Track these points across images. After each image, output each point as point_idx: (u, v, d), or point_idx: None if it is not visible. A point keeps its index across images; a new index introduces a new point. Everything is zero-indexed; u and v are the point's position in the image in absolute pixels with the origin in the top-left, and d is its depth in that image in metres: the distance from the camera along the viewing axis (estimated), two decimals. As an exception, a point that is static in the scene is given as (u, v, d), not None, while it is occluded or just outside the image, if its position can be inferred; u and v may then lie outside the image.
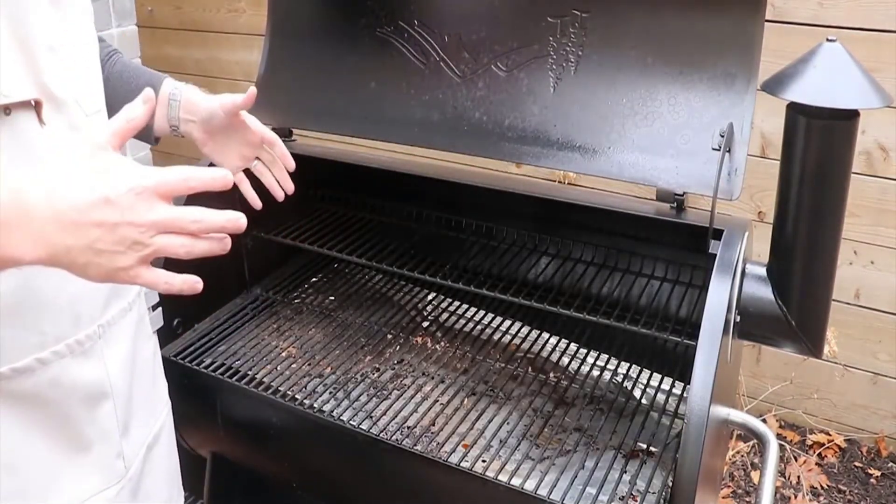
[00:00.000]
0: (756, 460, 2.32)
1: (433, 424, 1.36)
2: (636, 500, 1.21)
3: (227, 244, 0.74)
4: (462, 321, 1.70)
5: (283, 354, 1.53)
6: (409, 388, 1.47)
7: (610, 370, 1.54)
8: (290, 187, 1.25)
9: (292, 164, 1.22)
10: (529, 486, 1.18)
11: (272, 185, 1.25)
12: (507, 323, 1.68)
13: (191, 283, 0.75)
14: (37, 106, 0.82)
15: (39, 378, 0.88)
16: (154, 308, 1.18)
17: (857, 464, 2.31)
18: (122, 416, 1.00)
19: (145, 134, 1.18)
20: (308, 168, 1.75)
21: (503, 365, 1.54)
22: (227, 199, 1.64)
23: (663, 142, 1.26)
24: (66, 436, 0.93)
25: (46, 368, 0.89)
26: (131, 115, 0.74)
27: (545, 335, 1.64)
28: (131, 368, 1.03)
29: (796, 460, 2.29)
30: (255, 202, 1.25)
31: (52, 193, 0.69)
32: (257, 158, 1.25)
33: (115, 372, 0.98)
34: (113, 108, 1.14)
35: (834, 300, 1.17)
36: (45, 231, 0.68)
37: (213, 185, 0.72)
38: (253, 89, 1.14)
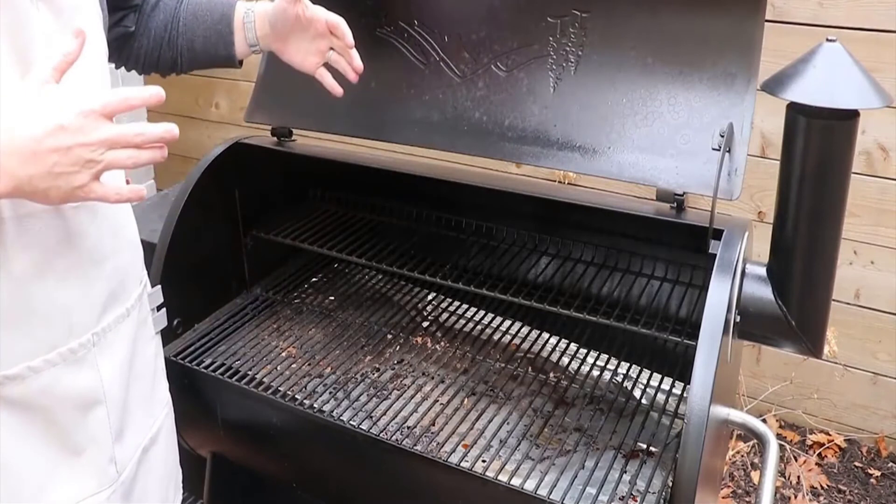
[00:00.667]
0: (756, 460, 2.32)
1: (433, 424, 1.36)
2: (636, 500, 1.21)
3: (165, 153, 0.84)
4: (462, 321, 1.70)
5: (283, 354, 1.53)
6: (409, 388, 1.47)
7: (610, 370, 1.54)
8: (359, 66, 1.25)
9: (352, 41, 1.22)
10: (529, 486, 1.18)
11: (346, 70, 1.25)
12: (507, 323, 1.68)
13: (137, 192, 0.85)
14: None
15: (31, 385, 0.88)
16: (158, 309, 1.17)
17: (857, 464, 2.31)
18: (115, 421, 0.99)
19: (229, 61, 1.25)
20: (308, 168, 1.76)
21: (503, 365, 1.54)
22: (227, 197, 1.64)
23: (663, 142, 1.26)
24: (59, 441, 0.93)
25: (38, 376, 0.89)
26: (67, 51, 0.81)
27: (545, 335, 1.64)
28: (128, 373, 1.02)
29: (796, 460, 2.29)
30: (337, 90, 1.27)
31: (10, 132, 0.75)
32: (331, 49, 1.26)
33: (110, 378, 0.98)
34: (195, 48, 1.22)
35: (834, 300, 1.17)
36: (8, 166, 0.75)
37: (149, 101, 0.82)
38: None
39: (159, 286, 1.19)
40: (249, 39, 1.23)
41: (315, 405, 1.39)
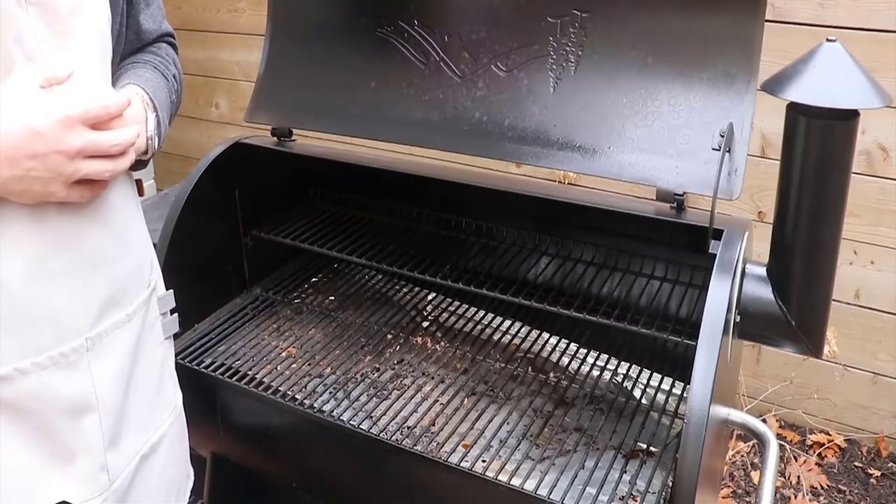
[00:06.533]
0: (756, 460, 2.32)
1: (433, 424, 1.36)
2: (636, 500, 1.21)
3: (132, 158, 0.90)
4: (462, 321, 1.70)
5: (283, 354, 1.53)
6: (409, 388, 1.47)
7: (610, 370, 1.54)
8: None
9: None
10: (529, 486, 1.18)
11: None
12: (507, 323, 1.68)
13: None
14: None
15: (19, 387, 0.87)
16: (172, 312, 1.13)
17: (857, 464, 2.31)
18: (108, 428, 0.97)
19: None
20: (308, 168, 1.76)
21: (503, 365, 1.54)
22: (227, 197, 1.64)
23: (663, 142, 1.26)
24: (48, 446, 0.91)
25: (26, 378, 0.87)
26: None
27: (545, 335, 1.64)
28: (127, 379, 1.00)
29: (796, 460, 2.29)
30: None
31: None
32: None
33: (104, 384, 0.96)
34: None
35: (834, 300, 1.17)
36: None
37: (125, 107, 0.86)
38: None
39: (171, 291, 1.15)
40: None
41: (315, 405, 1.39)
